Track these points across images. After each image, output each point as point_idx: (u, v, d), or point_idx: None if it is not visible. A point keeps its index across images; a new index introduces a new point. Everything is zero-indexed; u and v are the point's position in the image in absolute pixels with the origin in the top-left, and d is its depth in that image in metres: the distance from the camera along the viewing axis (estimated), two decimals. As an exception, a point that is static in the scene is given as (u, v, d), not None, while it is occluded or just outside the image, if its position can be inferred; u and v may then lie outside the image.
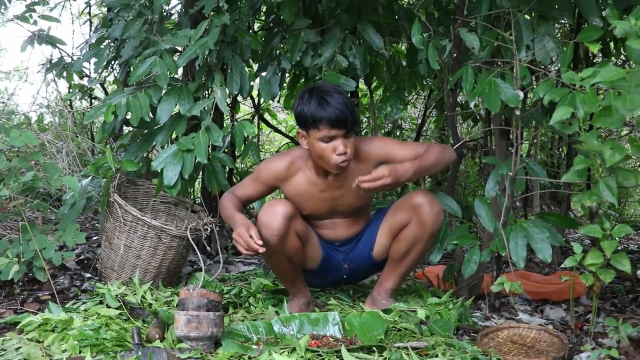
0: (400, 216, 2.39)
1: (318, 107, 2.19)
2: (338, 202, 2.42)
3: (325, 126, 2.19)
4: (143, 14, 3.01)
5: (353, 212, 2.48)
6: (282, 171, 2.39)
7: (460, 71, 2.50)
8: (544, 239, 2.31)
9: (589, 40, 2.20)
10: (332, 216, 2.48)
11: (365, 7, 3.11)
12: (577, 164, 1.99)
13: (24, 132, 2.40)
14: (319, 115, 2.18)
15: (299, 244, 2.34)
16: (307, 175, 2.38)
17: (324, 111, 2.18)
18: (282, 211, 2.23)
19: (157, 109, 2.76)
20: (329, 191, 2.39)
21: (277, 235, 2.22)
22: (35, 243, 2.42)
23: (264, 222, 2.23)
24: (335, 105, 2.18)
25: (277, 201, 2.29)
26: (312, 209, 2.42)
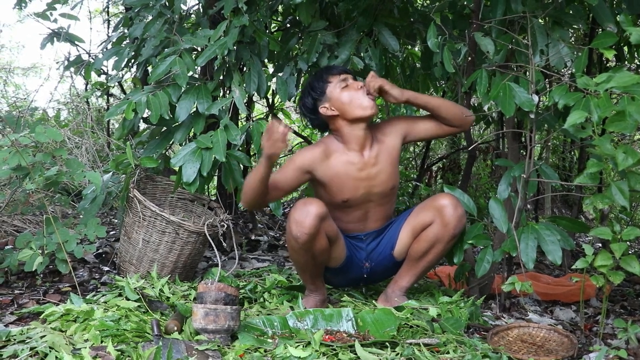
0: (424, 216, 2.44)
1: (321, 71, 2.51)
2: (375, 182, 2.47)
3: (334, 76, 2.44)
4: (163, 14, 3.07)
5: (385, 197, 2.53)
6: (319, 154, 2.43)
7: (474, 74, 2.54)
8: (555, 242, 2.35)
9: (603, 46, 2.24)
10: (366, 202, 2.50)
11: (381, 10, 3.16)
12: (590, 167, 2.03)
13: (48, 129, 2.46)
14: (322, 75, 2.46)
15: (326, 244, 2.38)
16: (343, 156, 2.44)
17: (327, 69, 2.51)
18: (314, 210, 2.27)
19: (176, 107, 2.82)
20: (366, 169, 2.45)
21: (307, 234, 2.27)
22: (58, 236, 2.48)
23: (296, 220, 2.28)
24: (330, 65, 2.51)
25: (310, 200, 2.33)
26: (349, 192, 2.45)
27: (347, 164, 2.43)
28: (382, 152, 2.47)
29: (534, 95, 2.34)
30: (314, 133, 5.68)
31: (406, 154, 5.58)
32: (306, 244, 2.30)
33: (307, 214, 2.27)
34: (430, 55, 2.95)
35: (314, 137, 5.39)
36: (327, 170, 2.43)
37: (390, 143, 2.49)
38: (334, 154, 2.44)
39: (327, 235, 2.37)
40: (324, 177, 2.44)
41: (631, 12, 2.70)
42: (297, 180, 2.45)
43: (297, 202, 2.34)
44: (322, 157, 2.43)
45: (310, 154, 2.44)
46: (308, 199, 2.35)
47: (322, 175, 2.44)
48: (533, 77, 2.35)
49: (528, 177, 2.39)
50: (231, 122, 2.80)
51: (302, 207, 2.30)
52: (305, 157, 2.43)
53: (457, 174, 5.10)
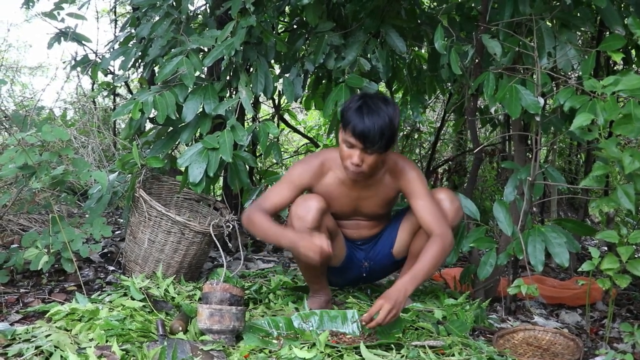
0: None
1: (354, 113, 2.19)
2: (363, 203, 2.47)
3: (350, 133, 2.19)
4: (170, 14, 3.07)
5: (375, 216, 2.53)
6: (317, 169, 2.41)
7: (481, 77, 2.54)
8: (562, 244, 2.34)
9: (611, 49, 2.23)
10: (355, 217, 2.52)
11: (389, 12, 3.16)
12: (596, 170, 2.03)
13: (55, 128, 2.47)
14: (350, 119, 2.19)
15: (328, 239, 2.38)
16: (337, 174, 2.42)
17: (356, 119, 2.17)
18: (315, 205, 2.29)
19: (183, 108, 2.82)
20: (356, 190, 2.43)
21: (309, 228, 2.27)
22: (63, 235, 2.49)
23: (298, 215, 2.29)
24: (367, 121, 2.16)
25: (311, 196, 2.36)
26: (337, 207, 2.46)
27: (338, 183, 2.42)
28: (379, 185, 2.42)
29: (540, 98, 2.33)
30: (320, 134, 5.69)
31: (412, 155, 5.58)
32: None
33: (309, 208, 2.29)
34: (437, 57, 2.95)
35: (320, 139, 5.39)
36: (321, 187, 2.43)
37: (388, 181, 2.42)
38: (328, 172, 2.43)
39: (328, 230, 2.39)
40: (320, 192, 2.43)
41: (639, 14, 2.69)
42: (296, 197, 2.41)
43: (298, 199, 2.36)
44: (318, 175, 2.42)
45: (310, 170, 2.42)
46: (308, 195, 2.37)
47: (316, 190, 2.44)
48: (539, 79, 2.35)
49: (534, 179, 2.39)
50: (238, 123, 2.80)
51: (303, 203, 2.31)
52: (303, 177, 2.41)
53: (463, 176, 5.08)
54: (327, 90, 3.53)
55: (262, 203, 2.37)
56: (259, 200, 2.43)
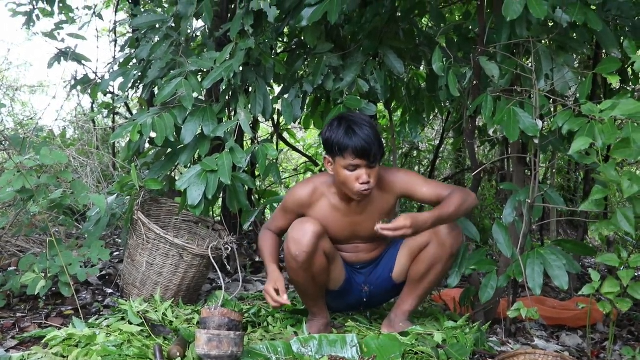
0: (420, 237, 2.42)
1: (345, 136, 2.24)
2: (359, 228, 2.47)
3: (350, 155, 2.23)
4: (170, 36, 3.08)
5: (374, 239, 2.52)
6: (306, 198, 2.44)
7: (479, 99, 2.55)
8: (561, 266, 2.33)
9: (607, 71, 2.25)
10: (353, 241, 2.52)
11: (387, 33, 3.17)
12: (595, 193, 2.03)
13: (54, 151, 2.47)
14: (345, 143, 2.23)
15: (325, 263, 2.38)
16: (330, 201, 2.43)
17: (350, 140, 2.22)
18: (311, 229, 2.29)
19: (182, 129, 2.82)
20: (351, 216, 2.43)
21: (305, 252, 2.28)
22: (61, 259, 2.48)
23: (294, 239, 2.30)
24: (361, 136, 2.22)
25: (307, 219, 2.35)
26: (333, 233, 2.46)
27: (332, 210, 2.43)
28: (372, 204, 2.43)
29: (539, 120, 2.34)
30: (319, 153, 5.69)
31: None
32: (305, 263, 2.31)
33: (305, 232, 2.29)
34: (435, 77, 2.96)
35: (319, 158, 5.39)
36: (313, 214, 2.44)
37: (384, 199, 2.44)
38: (321, 198, 2.44)
39: (325, 254, 2.38)
40: (314, 217, 2.43)
41: (635, 37, 2.70)
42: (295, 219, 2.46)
43: (295, 222, 2.37)
44: (309, 201, 2.44)
45: (298, 199, 2.46)
46: (305, 219, 2.37)
47: (310, 216, 2.44)
48: (537, 102, 2.35)
49: (533, 202, 2.38)
50: (236, 145, 2.80)
51: (300, 226, 2.32)
52: (294, 202, 2.47)
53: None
54: (325, 110, 3.54)
55: (270, 224, 2.59)
56: (269, 220, 2.63)
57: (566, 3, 2.41)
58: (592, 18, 2.36)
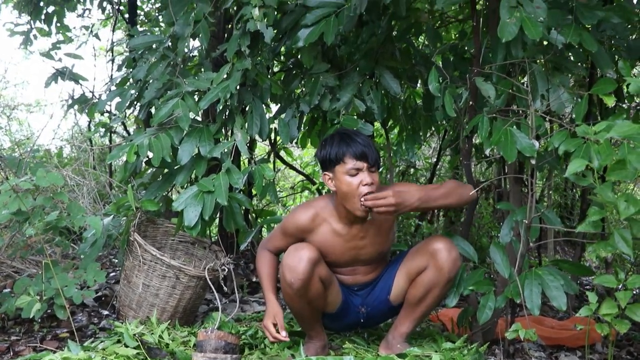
0: (418, 261, 2.41)
1: (341, 143, 2.31)
2: (361, 252, 2.46)
3: (350, 158, 2.28)
4: (167, 56, 3.09)
5: (374, 260, 2.52)
6: (307, 224, 2.43)
7: (475, 119, 2.55)
8: (559, 287, 2.32)
9: (603, 92, 2.26)
10: (353, 264, 2.51)
11: (383, 53, 3.18)
12: (592, 215, 2.02)
13: (50, 173, 2.46)
14: (342, 150, 2.29)
15: (321, 288, 2.37)
16: (332, 225, 2.42)
17: (348, 146, 2.30)
18: (306, 256, 2.27)
19: (178, 150, 2.82)
20: (353, 241, 2.43)
21: (301, 280, 2.26)
22: (56, 281, 2.46)
23: (289, 266, 2.27)
24: (358, 141, 2.30)
25: (302, 245, 2.33)
26: (334, 257, 2.45)
27: (333, 234, 2.42)
28: (373, 225, 2.43)
29: (535, 141, 2.34)
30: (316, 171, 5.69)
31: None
32: (300, 289, 2.29)
33: (300, 259, 2.27)
34: (431, 97, 2.97)
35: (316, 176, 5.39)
36: (314, 239, 2.43)
37: (383, 218, 2.44)
38: (322, 223, 2.43)
39: (321, 279, 2.36)
40: (315, 242, 2.43)
41: (630, 57, 2.72)
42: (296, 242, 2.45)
43: (290, 248, 2.35)
44: (311, 226, 2.43)
45: (299, 224, 2.44)
46: (300, 245, 2.35)
47: (310, 242, 2.44)
48: (533, 122, 2.36)
49: (530, 223, 2.38)
50: (233, 166, 2.80)
51: (295, 253, 2.29)
52: (294, 226, 2.45)
53: (459, 211, 5.08)
54: (322, 129, 3.54)
55: (268, 243, 2.56)
56: (266, 238, 2.59)
57: (561, 24, 2.42)
58: (587, 39, 2.38)
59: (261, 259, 2.53)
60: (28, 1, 4.71)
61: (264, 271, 2.49)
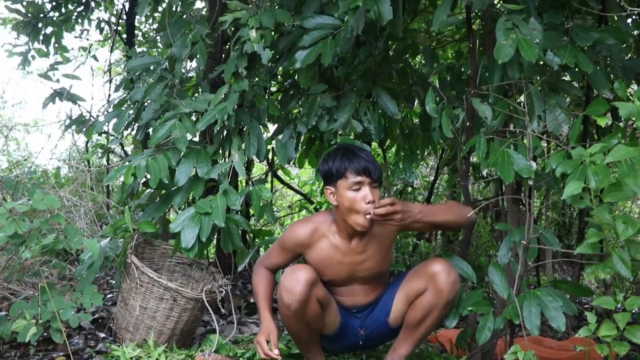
0: (417, 283, 2.41)
1: (343, 158, 2.32)
2: (359, 268, 2.45)
3: (352, 173, 2.28)
4: (164, 77, 3.10)
5: (372, 279, 2.50)
6: (306, 238, 2.42)
7: (472, 140, 2.55)
8: (557, 308, 2.31)
9: (596, 113, 2.27)
10: (351, 282, 2.49)
11: (380, 74, 3.19)
12: (590, 237, 2.02)
13: (47, 195, 2.46)
14: (345, 164, 2.30)
15: (319, 310, 2.35)
16: (331, 240, 2.42)
17: (350, 161, 2.30)
18: (304, 277, 2.25)
19: (176, 171, 2.82)
20: (351, 256, 2.42)
21: (298, 301, 2.25)
22: (52, 305, 2.45)
23: (286, 287, 2.26)
24: (361, 155, 2.31)
25: (299, 267, 2.32)
26: (333, 274, 2.44)
27: (332, 248, 2.42)
28: (373, 241, 2.43)
29: (532, 162, 2.34)
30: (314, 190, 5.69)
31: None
32: (298, 311, 2.28)
33: (297, 280, 2.26)
34: (428, 117, 2.97)
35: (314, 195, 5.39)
36: (313, 254, 2.43)
37: (385, 232, 2.44)
38: (321, 238, 2.43)
39: (319, 301, 2.35)
40: (310, 258, 2.44)
41: (625, 77, 2.74)
42: (294, 257, 2.51)
43: (287, 269, 2.34)
44: (309, 241, 2.43)
45: (298, 238, 2.44)
46: (297, 266, 2.34)
47: (308, 257, 2.45)
48: (530, 143, 2.36)
49: (528, 243, 2.38)
50: (230, 187, 2.80)
51: (292, 274, 2.28)
52: (293, 241, 2.45)
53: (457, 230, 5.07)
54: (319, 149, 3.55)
55: (265, 260, 2.56)
56: (263, 255, 2.58)
57: (556, 46, 2.44)
58: (583, 60, 2.39)
59: (257, 277, 2.51)
60: (26, 22, 4.74)
61: (260, 289, 2.47)
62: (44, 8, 4.77)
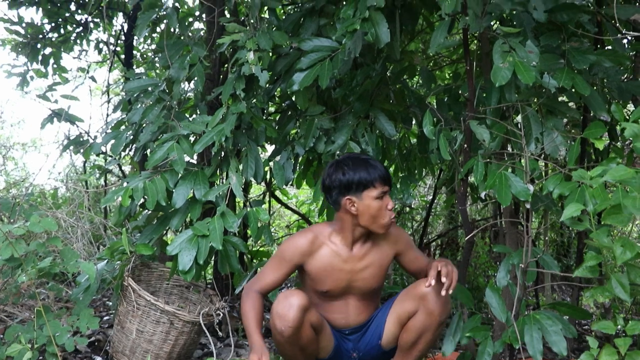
0: (408, 305, 2.39)
1: (369, 169, 2.33)
2: (357, 277, 2.44)
3: (380, 183, 2.32)
4: (162, 99, 3.11)
5: (366, 295, 2.49)
6: (307, 246, 2.42)
7: (470, 162, 2.55)
8: (558, 332, 2.30)
9: (594, 136, 2.27)
10: (347, 295, 2.47)
11: (377, 95, 3.20)
12: (589, 260, 2.01)
13: (43, 219, 2.45)
14: (372, 175, 2.32)
15: (312, 335, 2.34)
16: (331, 247, 2.42)
17: (376, 171, 2.33)
18: (296, 303, 2.24)
19: (173, 193, 2.82)
20: (351, 262, 2.42)
21: (291, 327, 2.23)
22: (48, 328, 2.43)
23: (279, 314, 2.24)
24: (378, 166, 2.36)
25: (292, 292, 2.30)
26: (332, 284, 2.42)
27: (333, 255, 2.42)
28: (373, 252, 2.45)
29: (530, 185, 2.34)
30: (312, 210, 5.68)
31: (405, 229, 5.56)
32: (291, 337, 2.26)
33: (290, 306, 2.24)
34: (426, 138, 2.97)
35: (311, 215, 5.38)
36: (315, 263, 2.42)
37: (384, 248, 2.47)
38: (322, 246, 2.43)
39: (312, 326, 2.34)
40: (311, 268, 2.43)
41: (622, 99, 2.74)
42: (289, 273, 2.47)
43: (279, 295, 2.32)
44: (310, 249, 2.43)
45: (300, 247, 2.43)
46: (289, 291, 2.32)
47: (309, 266, 2.44)
48: (528, 166, 2.36)
49: (526, 267, 2.36)
50: (228, 209, 2.79)
51: (284, 300, 2.27)
52: (295, 251, 2.43)
53: (455, 251, 5.06)
54: (317, 170, 3.54)
55: (256, 283, 2.46)
56: (254, 279, 2.50)
57: (553, 68, 2.45)
58: (580, 83, 2.39)
59: (247, 301, 2.40)
60: (25, 43, 4.76)
61: (250, 313, 2.37)
62: (43, 29, 4.79)
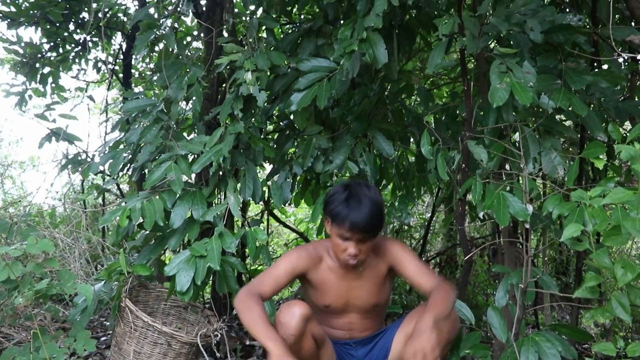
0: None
1: (346, 207, 2.27)
2: (354, 294, 2.44)
3: (344, 228, 2.26)
4: (160, 119, 3.11)
5: (368, 311, 2.49)
6: (308, 259, 2.43)
7: (468, 182, 2.56)
8: (556, 354, 2.28)
9: (593, 156, 2.27)
10: (348, 312, 2.48)
11: (375, 115, 3.21)
12: (588, 280, 2.00)
13: (40, 240, 2.44)
14: (342, 215, 2.26)
15: (314, 346, 2.34)
16: (328, 263, 2.44)
17: (347, 215, 2.25)
18: (299, 312, 2.25)
19: (171, 214, 2.81)
20: (347, 280, 2.43)
21: (293, 335, 2.23)
22: (45, 351, 2.41)
23: (281, 322, 2.25)
24: (361, 213, 2.24)
25: (295, 302, 2.32)
26: (331, 298, 2.44)
27: (329, 271, 2.44)
28: (367, 269, 2.45)
29: (529, 205, 2.34)
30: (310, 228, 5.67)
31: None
32: (293, 346, 2.26)
33: (292, 315, 2.25)
34: (424, 158, 2.98)
35: (310, 233, 5.37)
36: (316, 274, 2.44)
37: (377, 263, 2.46)
38: (321, 261, 2.45)
39: (314, 337, 2.34)
40: (312, 279, 2.45)
41: (619, 118, 2.75)
42: (288, 282, 2.44)
43: (282, 305, 2.33)
44: (312, 261, 2.44)
45: (304, 258, 2.43)
46: (292, 301, 2.33)
47: (311, 277, 2.45)
48: (527, 186, 2.36)
49: (526, 287, 2.36)
50: (226, 230, 2.79)
51: (287, 309, 2.28)
52: (299, 261, 2.42)
53: (454, 269, 5.05)
54: (315, 189, 3.54)
55: (257, 286, 2.34)
56: (254, 282, 2.37)
57: (550, 89, 2.46)
58: (577, 103, 2.40)
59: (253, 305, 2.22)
60: (24, 63, 4.77)
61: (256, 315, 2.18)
62: (42, 48, 4.80)
